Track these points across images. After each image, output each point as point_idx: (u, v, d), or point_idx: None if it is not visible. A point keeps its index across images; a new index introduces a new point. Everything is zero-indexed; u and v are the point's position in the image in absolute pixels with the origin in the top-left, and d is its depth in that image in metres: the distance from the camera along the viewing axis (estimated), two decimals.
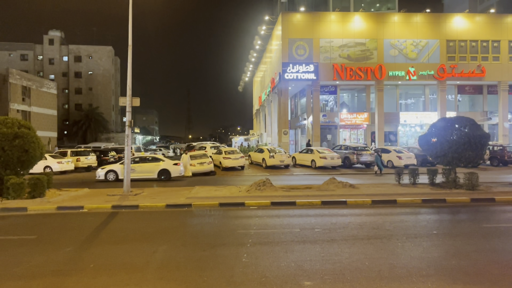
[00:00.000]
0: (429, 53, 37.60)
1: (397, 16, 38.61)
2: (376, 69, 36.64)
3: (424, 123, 38.40)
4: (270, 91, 44.18)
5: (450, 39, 37.84)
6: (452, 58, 37.79)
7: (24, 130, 14.98)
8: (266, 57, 50.19)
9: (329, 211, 12.27)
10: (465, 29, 38.13)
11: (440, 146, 16.50)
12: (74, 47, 75.41)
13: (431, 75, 37.26)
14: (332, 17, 37.98)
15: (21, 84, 47.05)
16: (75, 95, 75.03)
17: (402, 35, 37.68)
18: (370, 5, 60.31)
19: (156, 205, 13.27)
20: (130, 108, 16.37)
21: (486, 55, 38.00)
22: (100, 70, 75.80)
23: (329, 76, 36.64)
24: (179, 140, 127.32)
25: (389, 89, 39.09)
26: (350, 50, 37.23)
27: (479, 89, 40.10)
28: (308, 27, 37.33)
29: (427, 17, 38.38)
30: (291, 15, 38.32)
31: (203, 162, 24.69)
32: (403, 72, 37.04)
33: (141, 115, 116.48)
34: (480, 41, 38.03)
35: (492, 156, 29.88)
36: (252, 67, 61.36)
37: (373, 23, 37.82)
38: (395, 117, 38.63)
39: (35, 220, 11.60)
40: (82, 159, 28.84)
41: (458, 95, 40.06)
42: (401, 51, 37.47)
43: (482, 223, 10.69)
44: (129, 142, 16.40)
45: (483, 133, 16.16)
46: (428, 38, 37.72)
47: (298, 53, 36.83)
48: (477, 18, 39.13)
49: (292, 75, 35.82)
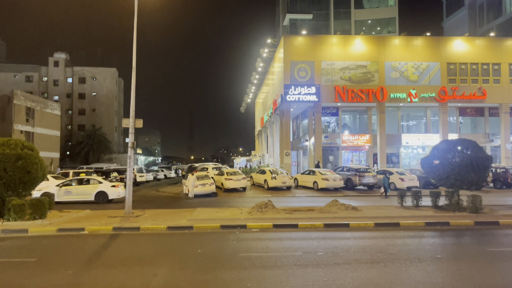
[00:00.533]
0: (430, 75, 37.88)
1: (398, 39, 39.08)
2: (377, 91, 36.87)
3: (426, 145, 38.37)
4: (272, 113, 44.41)
5: (450, 62, 38.17)
6: (453, 81, 38.02)
7: (27, 151, 15.05)
8: (268, 79, 50.65)
9: (331, 234, 12.17)
10: (466, 52, 38.51)
11: (443, 168, 16.45)
12: (79, 69, 76.39)
13: (432, 97, 37.43)
14: (333, 40, 38.47)
15: (25, 105, 47.47)
16: (79, 116, 75.58)
17: (403, 58, 38.04)
18: (371, 29, 61.26)
19: (157, 227, 13.18)
20: (133, 129, 16.47)
21: (487, 77, 38.24)
22: (104, 91, 76.56)
23: (331, 98, 36.86)
24: (181, 161, 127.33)
25: (391, 111, 39.24)
26: (352, 73, 37.55)
27: (481, 111, 40.20)
28: (309, 50, 37.78)
29: (428, 40, 38.82)
30: (293, 38, 38.82)
31: (205, 184, 24.64)
32: (405, 94, 37.24)
33: (143, 136, 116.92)
34: (481, 64, 38.34)
35: (495, 179, 29.72)
36: (255, 89, 61.87)
37: (374, 46, 38.25)
38: (397, 139, 38.63)
39: (35, 242, 11.53)
40: None
41: (459, 117, 40.14)
42: (402, 73, 37.77)
43: (486, 247, 10.56)
44: (131, 163, 16.43)
45: (485, 155, 16.14)
46: (428, 60, 38.07)
47: (300, 75, 37.17)
48: (477, 42, 39.56)
49: (294, 96, 36.05)
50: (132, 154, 16.32)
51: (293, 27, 60.32)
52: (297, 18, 60.81)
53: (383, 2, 62.03)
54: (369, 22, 61.26)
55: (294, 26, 60.56)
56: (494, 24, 49.31)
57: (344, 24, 60.90)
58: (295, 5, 60.80)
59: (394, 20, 60.27)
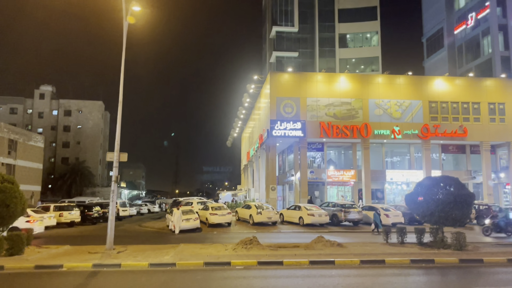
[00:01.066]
0: (412, 113, 38.77)
1: (381, 77, 40.19)
2: (362, 127, 37.47)
3: (410, 181, 38.74)
4: (258, 147, 44.59)
5: (432, 100, 39.22)
6: (435, 118, 38.93)
7: (7, 184, 14.71)
8: (255, 113, 51.17)
9: (317, 272, 12.00)
10: (446, 91, 39.68)
11: (427, 205, 16.58)
12: (65, 102, 76.21)
13: (415, 134, 38.16)
14: (318, 77, 39.36)
15: (8, 138, 46.79)
16: (63, 148, 74.73)
17: (386, 96, 38.98)
18: (355, 67, 63.03)
19: (139, 264, 12.84)
20: (117, 163, 16.31)
21: (468, 116, 39.28)
22: (90, 124, 76.21)
23: (316, 133, 37.29)
24: (166, 195, 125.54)
25: (375, 147, 39.78)
26: (336, 109, 38.23)
27: (462, 148, 41.04)
28: (295, 86, 38.50)
29: (410, 79, 39.99)
30: (279, 75, 39.63)
31: (189, 218, 24.25)
32: (388, 131, 37.90)
33: (128, 170, 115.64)
34: (461, 102, 39.46)
35: (478, 215, 29.97)
36: (241, 123, 62.32)
37: (358, 84, 39.19)
38: (382, 175, 38.98)
39: (11, 280, 11.09)
40: (65, 214, 28.10)
41: (442, 154, 40.85)
42: (386, 110, 38.59)
43: (471, 285, 10.53)
44: (115, 197, 16.17)
45: (468, 192, 16.36)
46: (411, 98, 39.06)
47: (285, 110, 37.68)
48: (457, 81, 40.90)
49: (280, 132, 36.38)
50: (115, 188, 16.09)
51: (279, 64, 61.70)
52: (283, 55, 62.36)
53: (367, 42, 64.20)
54: (353, 61, 63.08)
55: (280, 63, 61.96)
56: (473, 65, 51.17)
57: (329, 62, 62.59)
58: (281, 43, 62.45)
59: (377, 59, 62.24)
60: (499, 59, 47.17)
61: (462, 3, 54.09)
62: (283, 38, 62.55)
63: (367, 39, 64.18)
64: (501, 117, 39.36)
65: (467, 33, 52.60)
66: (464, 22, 52.75)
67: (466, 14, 52.47)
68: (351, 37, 64.05)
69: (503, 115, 39.37)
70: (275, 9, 62.74)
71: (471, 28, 51.77)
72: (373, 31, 63.28)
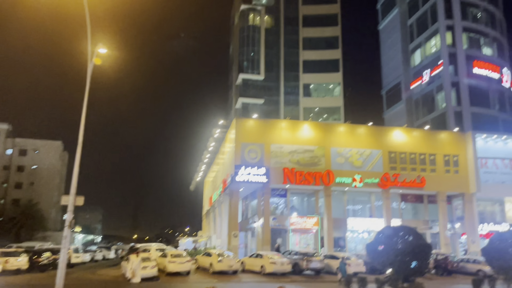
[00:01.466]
0: (373, 162, 39.80)
1: (343, 126, 41.41)
2: (324, 175, 37.95)
3: (371, 230, 39.05)
4: (222, 192, 44.06)
5: (391, 150, 40.53)
6: (394, 168, 40.08)
7: None
8: (219, 158, 50.96)
9: None
10: (404, 142, 41.22)
11: (387, 254, 16.67)
12: (21, 141, 73.34)
13: (375, 183, 38.97)
14: (283, 124, 40.05)
15: None
16: (15, 189, 70.96)
17: (348, 144, 39.98)
18: (318, 115, 64.96)
19: None
20: (73, 207, 15.57)
21: (425, 166, 40.72)
22: (46, 165, 73.25)
23: (280, 179, 37.40)
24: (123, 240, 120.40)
25: (337, 194, 40.21)
26: (300, 156, 38.72)
27: (420, 198, 42.16)
28: (260, 132, 38.91)
29: (370, 129, 41.37)
30: (245, 120, 40.06)
31: (145, 266, 23.17)
32: (350, 179, 38.55)
33: (84, 213, 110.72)
34: (418, 153, 40.98)
35: (436, 265, 30.35)
36: (205, 167, 61.73)
37: (321, 132, 40.09)
38: (343, 223, 39.17)
39: None
40: (12, 260, 26.08)
41: (402, 203, 41.75)
42: (347, 159, 39.45)
43: None
44: (67, 243, 15.33)
45: (425, 243, 16.68)
46: (371, 148, 40.21)
47: (250, 156, 37.79)
48: (414, 133, 42.71)
49: (243, 177, 36.24)
50: (69, 234, 15.27)
51: (245, 110, 62.62)
52: (249, 102, 63.51)
53: (329, 92, 66.79)
54: (316, 110, 65.13)
55: (246, 109, 62.91)
56: (429, 118, 53.82)
57: (293, 110, 64.25)
58: (247, 90, 63.76)
59: (339, 109, 64.58)
60: (452, 114, 49.92)
61: (418, 60, 57.63)
62: (249, 85, 63.96)
63: (330, 90, 66.79)
64: (455, 168, 41.05)
65: (423, 88, 55.70)
66: (420, 78, 55.97)
67: (421, 70, 55.80)
68: (315, 87, 66.49)
69: (457, 167, 41.09)
70: (242, 57, 64.49)
71: (426, 83, 54.91)
72: (336, 82, 66.05)
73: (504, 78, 52.70)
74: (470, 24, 52.95)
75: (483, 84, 51.08)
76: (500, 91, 52.40)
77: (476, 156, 40.66)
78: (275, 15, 68.42)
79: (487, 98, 50.99)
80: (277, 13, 68.47)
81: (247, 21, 65.36)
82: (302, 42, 67.18)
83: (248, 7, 65.95)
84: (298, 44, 67.18)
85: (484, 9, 54.46)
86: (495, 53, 53.89)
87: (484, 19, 54.34)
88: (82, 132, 16.18)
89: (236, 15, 70.51)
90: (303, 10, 68.47)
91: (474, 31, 53.15)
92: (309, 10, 68.36)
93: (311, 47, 66.74)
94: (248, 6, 66.05)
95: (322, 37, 67.32)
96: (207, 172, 64.41)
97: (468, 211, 40.33)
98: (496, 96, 51.85)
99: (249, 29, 64.88)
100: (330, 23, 67.75)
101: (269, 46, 66.07)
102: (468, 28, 52.74)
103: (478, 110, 49.97)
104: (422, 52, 56.46)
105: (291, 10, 68.39)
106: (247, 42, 64.29)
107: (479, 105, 50.20)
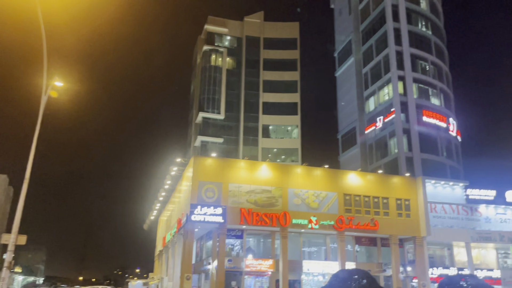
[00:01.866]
0: (328, 204, 40.30)
1: (300, 168, 41.99)
2: (281, 216, 37.92)
3: (326, 273, 38.95)
4: (176, 232, 42.83)
5: (346, 193, 41.29)
6: (349, 211, 40.71)
7: None
8: (175, 196, 49.90)
9: None
10: (359, 185, 42.22)
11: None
12: None
13: (331, 225, 39.31)
14: (241, 164, 40.08)
15: None
16: None
17: (305, 186, 40.41)
18: (277, 156, 65.82)
19: None
20: (14, 247, 14.54)
21: (378, 210, 41.66)
22: None
23: (236, 220, 36.95)
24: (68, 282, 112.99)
25: (293, 236, 40.13)
26: (257, 196, 38.64)
27: (374, 241, 42.82)
28: (218, 171, 38.67)
29: (326, 172, 42.17)
30: (203, 159, 39.82)
31: None
32: (306, 221, 38.68)
33: (26, 252, 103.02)
34: (372, 197, 41.99)
35: None
36: (160, 206, 60.12)
37: (278, 173, 40.41)
38: (299, 265, 38.89)
39: None
40: None
41: (356, 246, 42.16)
42: (304, 200, 39.76)
43: None
44: (5, 286, 14.13)
45: (379, 286, 16.76)
46: (327, 190, 40.83)
47: (207, 195, 37.27)
48: (368, 177, 43.92)
49: (199, 217, 35.51)
50: (7, 275, 14.14)
51: (204, 149, 62.43)
52: (208, 140, 63.54)
53: (287, 134, 68.17)
54: (275, 150, 66.05)
55: (205, 148, 62.75)
56: (382, 162, 55.70)
57: (252, 150, 64.79)
58: (207, 128, 63.93)
59: (297, 151, 65.86)
60: (404, 159, 51.96)
61: (372, 107, 60.23)
62: (209, 124, 64.23)
63: (288, 132, 68.24)
64: (407, 212, 42.28)
65: (377, 134, 57.94)
66: (374, 123, 58.29)
67: (375, 117, 58.22)
68: (274, 128, 67.75)
69: (408, 211, 42.34)
70: (203, 96, 65.04)
71: (379, 129, 57.20)
72: (294, 125, 67.68)
73: (451, 127, 55.85)
74: (419, 75, 56.32)
75: (432, 132, 53.82)
76: (447, 139, 55.34)
77: (426, 201, 42.13)
78: (237, 57, 70.18)
79: (435, 145, 53.61)
80: (239, 56, 70.27)
81: (209, 61, 66.54)
82: (262, 84, 68.96)
83: (211, 48, 67.36)
84: (258, 86, 68.84)
85: (432, 62, 58.28)
86: (442, 103, 57.29)
87: (432, 72, 58.06)
88: (30, 167, 15.43)
89: (199, 55, 71.65)
90: (264, 54, 70.73)
91: (423, 82, 56.53)
92: (270, 54, 70.71)
93: (271, 89, 68.60)
94: (210, 47, 67.48)
95: (282, 80, 69.46)
96: (161, 211, 62.70)
97: (419, 255, 41.24)
98: (444, 144, 54.64)
99: (211, 69, 65.97)
100: (290, 67, 70.29)
101: (230, 87, 67.27)
102: (418, 79, 56.03)
103: (427, 156, 52.27)
104: (376, 99, 59.12)
105: (253, 54, 70.45)
106: (208, 81, 65.16)
107: (428, 151, 52.60)
